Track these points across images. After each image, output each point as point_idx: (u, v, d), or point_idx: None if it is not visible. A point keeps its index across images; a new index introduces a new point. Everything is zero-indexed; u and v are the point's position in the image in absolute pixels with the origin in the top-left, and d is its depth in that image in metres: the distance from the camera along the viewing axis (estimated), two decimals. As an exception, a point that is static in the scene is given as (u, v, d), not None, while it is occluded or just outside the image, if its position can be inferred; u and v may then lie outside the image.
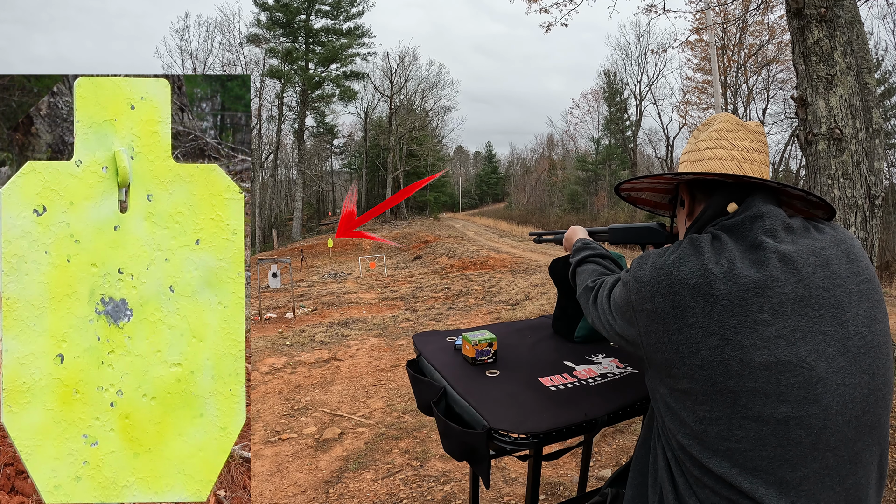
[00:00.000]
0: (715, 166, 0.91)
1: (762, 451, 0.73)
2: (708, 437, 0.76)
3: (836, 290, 0.77)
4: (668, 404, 0.82)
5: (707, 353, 0.75)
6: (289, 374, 4.53)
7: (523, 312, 6.86)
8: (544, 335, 1.57)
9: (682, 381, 0.78)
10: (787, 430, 0.72)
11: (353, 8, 34.42)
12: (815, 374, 0.72)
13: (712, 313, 0.75)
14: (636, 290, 0.84)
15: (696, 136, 1.00)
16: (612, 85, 36.84)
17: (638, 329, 0.85)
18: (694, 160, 0.96)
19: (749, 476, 0.73)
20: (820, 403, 0.72)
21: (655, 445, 0.89)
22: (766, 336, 0.73)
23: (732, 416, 0.74)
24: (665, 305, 0.79)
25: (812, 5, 3.07)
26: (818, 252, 0.79)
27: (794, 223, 0.85)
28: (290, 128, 35.66)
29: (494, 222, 34.62)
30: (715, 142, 0.93)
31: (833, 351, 0.74)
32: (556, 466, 2.58)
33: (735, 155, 0.91)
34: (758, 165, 0.91)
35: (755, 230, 0.81)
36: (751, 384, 0.72)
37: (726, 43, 24.85)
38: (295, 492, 2.54)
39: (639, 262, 0.88)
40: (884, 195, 3.35)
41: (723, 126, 0.94)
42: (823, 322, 0.75)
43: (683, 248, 0.83)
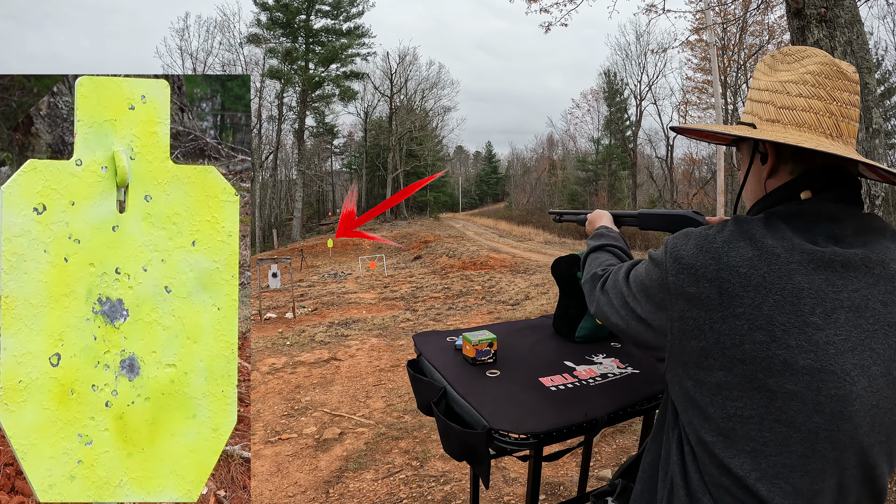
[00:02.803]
0: (809, 119, 0.78)
1: (787, 458, 0.70)
2: (735, 434, 0.73)
3: (893, 308, 0.73)
4: (692, 398, 0.78)
5: (751, 348, 0.70)
6: (289, 374, 4.53)
7: (523, 312, 6.86)
8: (544, 335, 1.56)
9: (716, 374, 0.74)
10: (816, 442, 0.69)
11: (353, 8, 34.45)
12: (855, 391, 0.69)
13: (762, 307, 0.70)
14: (676, 271, 0.77)
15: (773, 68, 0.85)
16: (612, 85, 36.83)
17: (670, 314, 0.78)
18: (781, 105, 0.80)
19: (768, 482, 0.71)
20: (852, 421, 0.69)
21: (670, 440, 0.85)
22: (814, 340, 0.69)
23: (765, 416, 0.71)
24: (711, 291, 0.73)
25: (812, 5, 3.07)
26: (886, 263, 0.74)
27: (870, 225, 0.78)
28: (290, 128, 35.70)
29: (494, 222, 34.63)
30: (811, 88, 0.78)
31: (876, 371, 0.71)
32: (556, 466, 2.58)
33: (833, 110, 0.77)
34: (853, 124, 0.79)
35: (821, 229, 0.75)
36: (790, 386, 0.69)
37: (726, 43, 24.85)
38: (295, 492, 2.54)
39: (677, 242, 0.80)
40: (884, 195, 3.34)
41: (820, 69, 0.79)
42: (874, 338, 0.71)
43: (731, 231, 0.76)
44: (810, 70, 0.79)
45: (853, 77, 0.79)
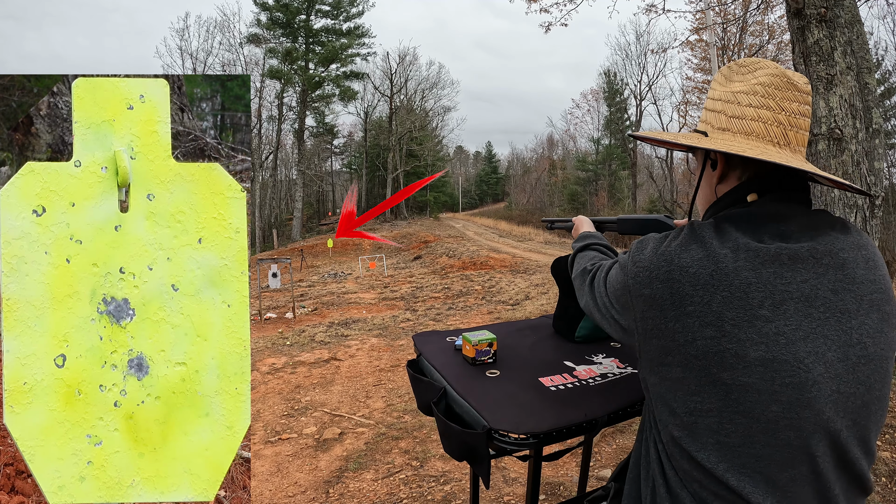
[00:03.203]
0: (758, 129, 0.81)
1: (751, 448, 0.72)
2: (698, 429, 0.75)
3: (845, 295, 0.74)
4: (660, 394, 0.81)
5: (703, 344, 0.73)
6: (289, 374, 4.53)
7: (523, 312, 6.86)
8: (544, 335, 1.57)
9: (675, 370, 0.77)
10: (777, 431, 0.71)
11: (353, 8, 34.44)
12: (811, 377, 0.71)
13: (711, 304, 0.73)
14: (634, 274, 0.82)
15: (728, 78, 0.88)
16: (612, 85, 36.82)
17: (634, 315, 0.83)
18: (732, 115, 0.84)
19: (737, 473, 0.72)
20: (812, 407, 0.70)
21: (648, 438, 0.88)
22: (764, 332, 0.71)
23: (724, 409, 0.72)
24: (663, 292, 0.77)
25: (812, 5, 3.07)
26: (834, 253, 0.76)
27: (817, 220, 0.80)
28: (290, 128, 35.69)
29: (494, 222, 34.62)
30: (760, 99, 0.81)
31: (832, 356, 0.72)
32: (556, 466, 2.58)
33: (781, 119, 0.80)
34: (802, 133, 0.82)
35: (768, 229, 0.78)
36: (744, 379, 0.71)
37: (726, 43, 24.82)
38: (295, 492, 2.54)
39: (638, 247, 0.85)
40: (884, 195, 3.35)
41: (770, 80, 0.82)
42: (827, 325, 0.73)
43: (685, 235, 0.80)
44: (761, 81, 0.82)
45: (804, 88, 0.82)
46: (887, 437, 2.58)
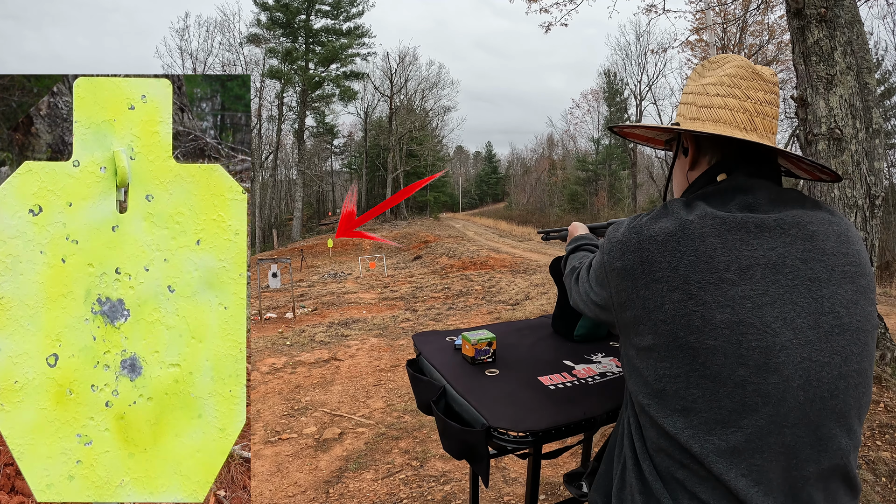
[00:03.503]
0: (725, 116, 0.85)
1: (717, 412, 0.71)
2: (666, 394, 0.75)
3: (815, 265, 0.75)
4: (634, 365, 0.82)
5: (671, 308, 0.74)
6: (289, 374, 4.53)
7: (523, 312, 6.86)
8: (544, 335, 1.57)
9: (647, 337, 0.78)
10: (744, 395, 0.70)
11: (353, 8, 34.44)
12: (779, 342, 0.70)
13: (678, 268, 0.74)
14: (608, 250, 0.85)
15: (701, 74, 0.93)
16: (612, 85, 36.83)
17: (609, 290, 0.85)
18: (701, 105, 0.88)
19: (701, 439, 0.72)
20: (780, 373, 0.70)
21: (622, 416, 0.89)
22: (730, 295, 0.71)
23: (691, 373, 0.73)
24: (634, 261, 0.79)
25: (812, 5, 3.07)
26: (803, 224, 0.77)
27: (786, 196, 0.82)
28: (290, 128, 35.69)
29: (494, 222, 34.62)
30: (727, 89, 0.86)
31: (802, 323, 0.72)
32: (556, 466, 2.58)
33: (747, 107, 0.84)
34: (769, 120, 0.85)
35: (735, 201, 0.80)
36: (710, 342, 0.71)
37: (726, 43, 24.83)
38: (295, 492, 2.54)
39: (614, 227, 0.88)
40: (884, 195, 3.35)
41: (736, 72, 0.86)
42: (796, 292, 0.73)
43: (657, 210, 0.83)
44: (728, 73, 0.87)
45: (770, 78, 0.86)
46: (887, 437, 2.58)
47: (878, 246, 3.27)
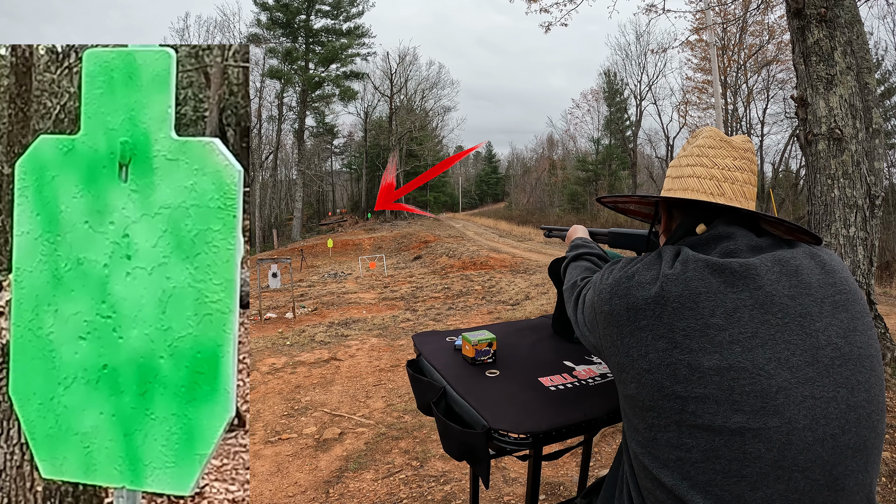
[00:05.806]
0: (693, 184, 0.89)
1: (715, 463, 0.68)
2: (658, 444, 0.73)
3: (803, 300, 0.73)
4: (624, 411, 0.81)
5: (655, 357, 0.72)
6: (289, 374, 4.53)
7: (523, 312, 6.86)
8: (544, 335, 1.57)
9: (630, 386, 0.77)
10: (744, 443, 0.66)
11: (353, 8, 34.45)
12: (775, 383, 0.67)
13: (662, 316, 0.73)
14: (599, 291, 0.85)
15: (683, 149, 0.98)
16: (612, 85, 36.83)
17: (598, 332, 0.85)
18: (675, 176, 0.94)
19: (701, 491, 0.68)
20: (782, 415, 0.66)
21: (624, 454, 0.87)
22: (717, 341, 0.69)
23: (681, 423, 0.70)
24: (620, 308, 0.79)
25: (812, 5, 3.07)
26: (785, 262, 0.76)
27: (763, 242, 0.82)
28: (290, 128, 35.72)
29: (494, 222, 34.61)
30: (696, 159, 0.90)
31: (798, 361, 0.69)
32: (556, 466, 2.58)
33: (715, 174, 0.88)
34: (739, 185, 0.87)
35: (718, 248, 0.80)
36: (700, 390, 0.69)
37: (726, 43, 24.83)
38: (295, 492, 2.54)
39: (609, 267, 0.88)
40: (884, 195, 3.35)
41: (705, 142, 0.91)
42: (787, 330, 0.70)
43: (652, 256, 0.83)
44: (698, 144, 0.92)
45: (741, 145, 0.90)
46: (887, 437, 2.58)
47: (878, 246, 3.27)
